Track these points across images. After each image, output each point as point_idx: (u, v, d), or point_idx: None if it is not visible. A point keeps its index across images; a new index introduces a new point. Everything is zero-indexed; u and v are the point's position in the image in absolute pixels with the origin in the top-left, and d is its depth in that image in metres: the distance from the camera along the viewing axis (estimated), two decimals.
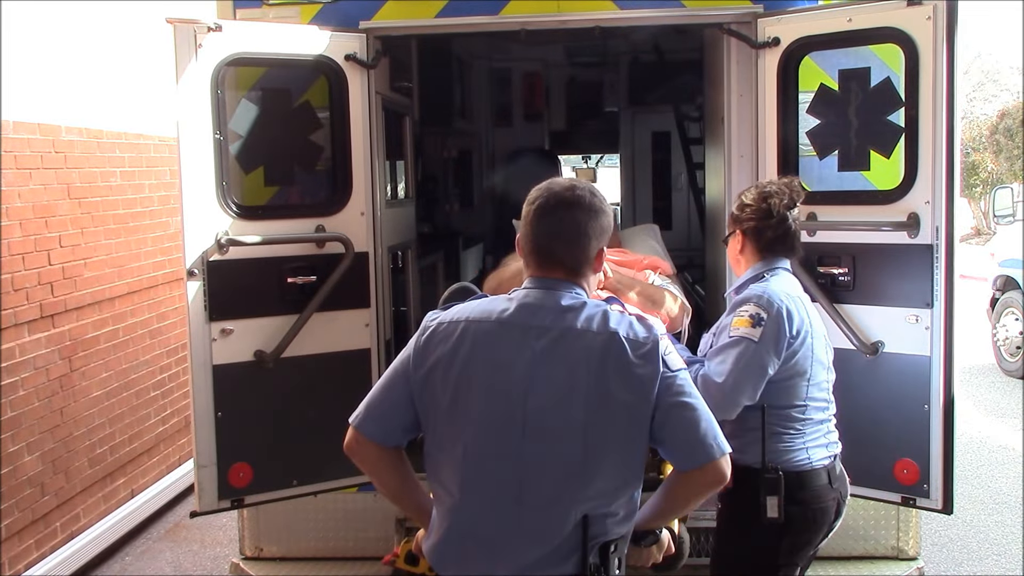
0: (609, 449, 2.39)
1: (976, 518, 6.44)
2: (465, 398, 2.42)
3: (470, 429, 2.42)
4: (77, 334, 5.92)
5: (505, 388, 2.40)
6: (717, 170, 5.21)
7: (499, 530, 2.41)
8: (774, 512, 3.22)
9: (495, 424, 2.41)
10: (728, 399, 3.21)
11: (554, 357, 2.40)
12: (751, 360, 3.21)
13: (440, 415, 2.46)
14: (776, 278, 3.41)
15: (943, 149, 3.90)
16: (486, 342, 2.43)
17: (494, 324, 2.45)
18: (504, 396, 2.40)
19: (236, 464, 4.35)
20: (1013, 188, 10.94)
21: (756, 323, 3.22)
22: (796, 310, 3.30)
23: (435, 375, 2.46)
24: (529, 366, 2.40)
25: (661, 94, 8.02)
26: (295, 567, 4.85)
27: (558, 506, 2.37)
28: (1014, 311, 10.27)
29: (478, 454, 2.42)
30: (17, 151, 5.40)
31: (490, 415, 2.41)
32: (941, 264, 3.95)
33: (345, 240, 4.44)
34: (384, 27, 4.62)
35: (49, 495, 5.62)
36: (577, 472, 2.37)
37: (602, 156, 12.33)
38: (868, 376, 4.14)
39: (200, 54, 4.13)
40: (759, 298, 3.28)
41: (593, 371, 2.38)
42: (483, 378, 2.42)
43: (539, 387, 2.39)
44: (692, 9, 4.56)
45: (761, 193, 3.45)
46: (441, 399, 2.46)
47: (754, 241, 3.46)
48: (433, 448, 2.51)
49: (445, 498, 2.49)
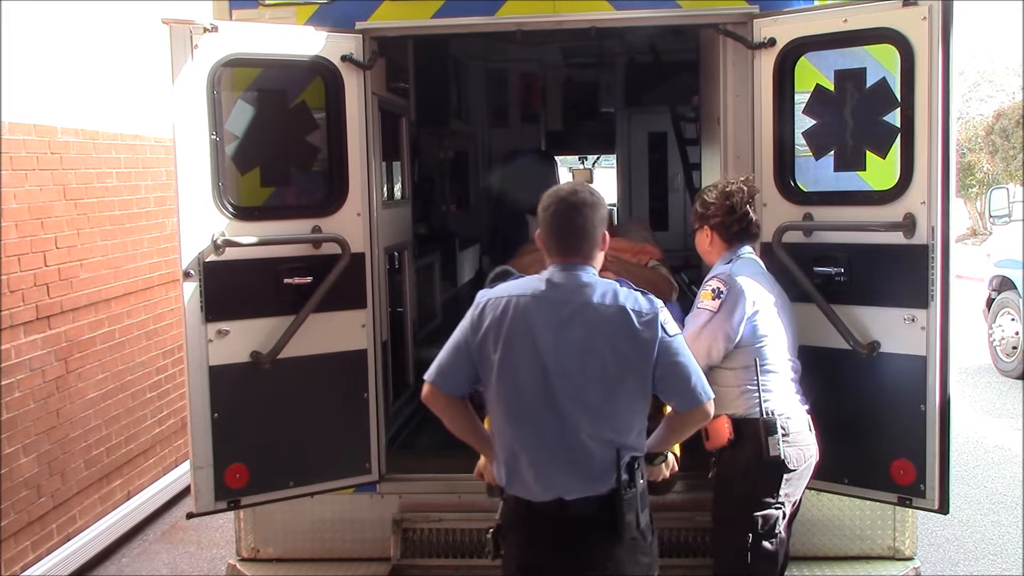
0: (622, 395, 3.11)
1: (972, 518, 6.45)
2: (510, 356, 3.10)
3: (515, 379, 3.11)
4: (73, 335, 5.91)
5: (538, 348, 3.08)
6: (713, 171, 5.22)
7: (547, 458, 3.11)
8: (775, 451, 3.68)
9: (533, 375, 3.08)
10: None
11: (576, 323, 3.09)
12: (708, 330, 3.75)
13: (493, 370, 3.13)
14: (740, 262, 3.90)
15: (939, 149, 3.91)
16: (525, 312, 3.11)
17: (530, 298, 3.13)
18: (538, 354, 3.08)
19: (233, 465, 4.35)
20: (1009, 189, 10.93)
21: (716, 296, 3.77)
22: (753, 287, 3.79)
23: (488, 339, 3.13)
24: (556, 330, 3.08)
25: (657, 95, 8.04)
26: (292, 568, 4.84)
27: (589, 439, 3.08)
28: (1010, 311, 10.29)
29: (523, 399, 3.11)
30: (13, 152, 5.39)
31: (529, 369, 3.09)
32: (937, 264, 3.95)
33: (341, 241, 4.44)
34: (380, 28, 4.63)
35: (45, 497, 5.61)
36: (599, 412, 3.09)
37: (598, 157, 12.34)
38: (864, 376, 4.15)
39: (196, 55, 4.13)
40: (723, 274, 3.82)
41: (607, 335, 3.08)
42: (523, 340, 3.10)
43: (565, 347, 3.07)
44: (688, 10, 4.57)
45: (723, 192, 3.94)
46: (492, 357, 3.12)
47: (721, 234, 3.96)
48: (490, 395, 3.19)
49: (502, 434, 3.19)
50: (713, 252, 4.00)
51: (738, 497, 3.81)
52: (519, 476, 3.15)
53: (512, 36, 5.05)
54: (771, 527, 3.76)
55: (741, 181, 3.99)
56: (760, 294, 3.80)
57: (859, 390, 4.16)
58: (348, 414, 4.61)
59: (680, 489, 4.57)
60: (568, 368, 3.07)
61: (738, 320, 3.74)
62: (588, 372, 3.08)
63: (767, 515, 3.75)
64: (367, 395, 4.64)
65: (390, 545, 4.81)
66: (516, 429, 3.15)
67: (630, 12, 4.58)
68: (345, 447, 4.63)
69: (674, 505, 4.61)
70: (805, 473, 3.84)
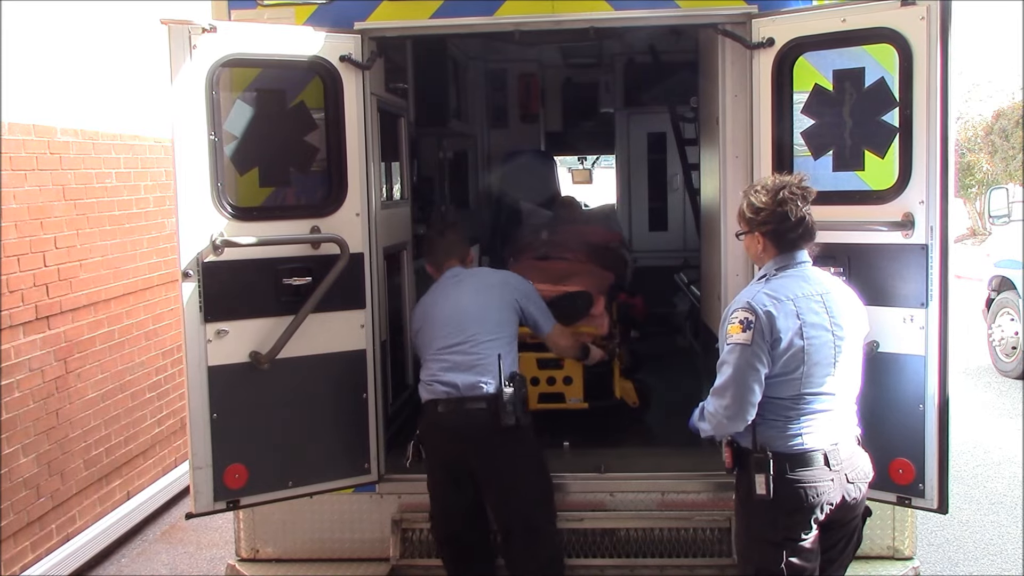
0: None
1: (972, 518, 6.45)
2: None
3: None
4: (72, 335, 5.91)
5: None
6: (712, 171, 5.22)
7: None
8: (762, 489, 3.50)
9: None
10: (737, 409, 3.52)
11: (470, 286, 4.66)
12: (746, 363, 3.49)
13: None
14: (777, 279, 3.60)
15: (937, 149, 3.91)
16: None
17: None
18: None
19: (232, 465, 4.35)
20: (1008, 189, 10.92)
21: (746, 328, 3.50)
22: (780, 314, 3.50)
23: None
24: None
25: (656, 95, 8.03)
26: (291, 568, 4.85)
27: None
28: (1010, 311, 10.29)
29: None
30: (12, 152, 5.39)
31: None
32: (936, 264, 3.95)
33: (340, 241, 4.44)
34: (379, 28, 4.63)
35: (45, 497, 5.61)
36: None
37: (598, 157, 12.34)
38: (864, 376, 4.14)
39: (195, 55, 4.13)
40: (744, 304, 3.54)
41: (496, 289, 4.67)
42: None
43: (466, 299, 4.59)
44: (687, 10, 4.57)
45: (775, 199, 3.58)
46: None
47: (775, 241, 3.64)
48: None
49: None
50: (766, 258, 3.68)
51: (743, 527, 3.77)
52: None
53: (511, 36, 5.06)
54: (774, 563, 3.54)
55: (796, 184, 3.60)
56: (790, 322, 3.48)
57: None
58: (347, 414, 4.61)
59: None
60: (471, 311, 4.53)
61: (768, 349, 3.48)
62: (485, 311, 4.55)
63: (772, 552, 3.55)
64: (366, 395, 4.64)
65: (389, 545, 4.81)
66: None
67: (629, 12, 4.58)
68: (344, 447, 4.63)
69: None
70: (814, 511, 3.52)
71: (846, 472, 3.57)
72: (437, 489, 4.53)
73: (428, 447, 4.48)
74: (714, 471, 4.58)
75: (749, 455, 3.55)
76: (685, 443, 4.56)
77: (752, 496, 3.53)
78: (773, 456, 3.50)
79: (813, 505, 3.52)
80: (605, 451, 5.07)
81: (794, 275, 3.61)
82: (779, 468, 3.50)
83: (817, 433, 3.55)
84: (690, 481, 4.76)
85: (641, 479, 4.78)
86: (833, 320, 3.57)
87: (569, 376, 5.38)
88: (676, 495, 4.76)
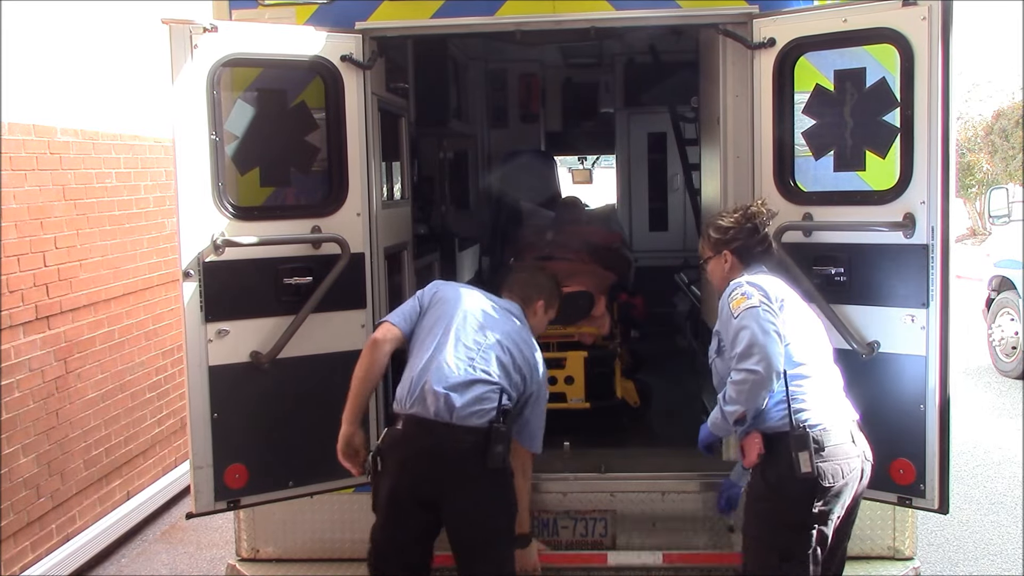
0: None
1: (972, 518, 6.45)
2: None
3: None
4: (72, 335, 5.91)
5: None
6: (713, 171, 5.21)
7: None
8: (807, 467, 3.53)
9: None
10: (767, 365, 3.57)
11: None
12: (763, 319, 3.61)
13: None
14: (752, 276, 3.82)
15: (938, 149, 3.91)
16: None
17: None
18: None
19: (232, 465, 4.34)
20: (1008, 189, 10.93)
21: (749, 296, 3.67)
22: (771, 288, 3.73)
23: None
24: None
25: (657, 95, 8.02)
26: (292, 568, 4.84)
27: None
28: (1010, 312, 10.29)
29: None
30: (12, 152, 5.39)
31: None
32: (937, 264, 3.95)
33: (341, 241, 4.44)
34: (380, 28, 4.62)
35: (45, 497, 5.61)
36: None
37: (598, 157, 12.34)
38: (864, 376, 4.14)
39: (196, 55, 4.12)
40: (740, 284, 3.75)
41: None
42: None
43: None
44: (688, 10, 4.56)
45: (745, 214, 3.89)
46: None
47: (741, 257, 3.89)
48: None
49: None
50: (732, 278, 3.87)
51: (769, 515, 3.72)
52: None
53: (512, 36, 5.05)
54: (802, 547, 3.60)
55: (759, 204, 3.97)
56: (784, 290, 3.77)
57: (859, 390, 4.14)
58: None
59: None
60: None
61: (776, 309, 3.66)
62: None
63: (798, 536, 3.61)
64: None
65: None
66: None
67: (630, 12, 4.57)
68: None
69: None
70: (847, 488, 3.65)
71: (864, 451, 3.72)
72: (386, 518, 4.02)
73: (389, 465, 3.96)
74: (716, 471, 4.57)
75: (784, 438, 3.58)
76: (686, 443, 4.55)
77: (789, 478, 3.54)
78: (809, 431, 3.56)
79: (847, 483, 3.63)
80: (606, 451, 5.07)
81: (759, 276, 3.83)
82: (816, 444, 3.56)
83: (835, 412, 3.68)
84: (691, 481, 4.75)
85: (642, 479, 4.78)
86: (799, 301, 3.83)
87: (571, 376, 5.38)
88: (677, 495, 4.76)
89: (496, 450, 3.79)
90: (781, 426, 3.61)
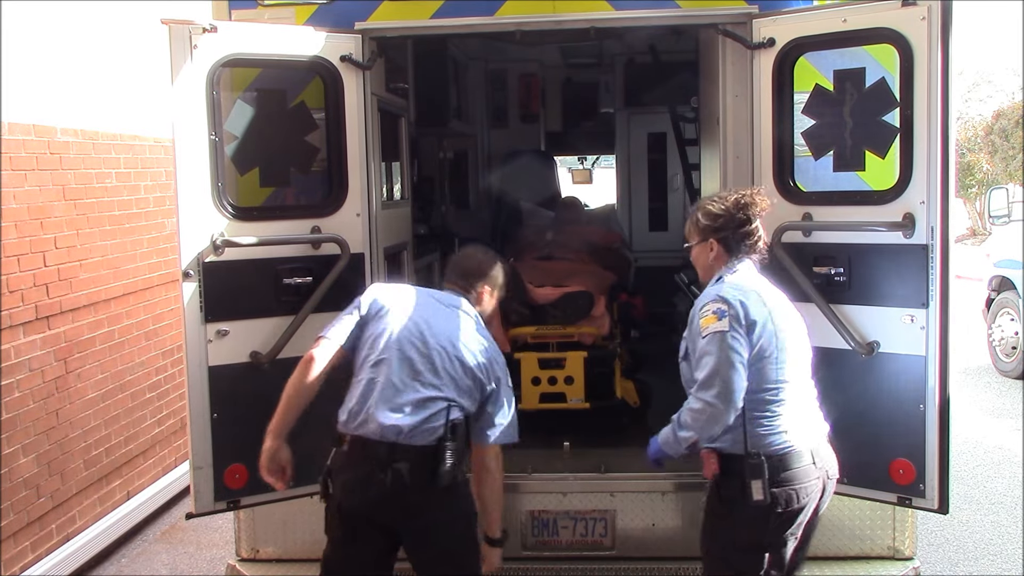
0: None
1: (972, 518, 6.45)
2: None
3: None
4: (72, 336, 5.91)
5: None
6: (713, 171, 5.21)
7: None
8: (759, 495, 3.45)
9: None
10: (727, 397, 3.46)
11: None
12: (729, 348, 3.47)
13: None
14: (732, 275, 3.67)
15: (938, 149, 3.91)
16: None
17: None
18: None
19: (232, 465, 4.34)
20: (1008, 189, 10.93)
21: (720, 316, 3.50)
22: (751, 301, 3.55)
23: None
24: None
25: (657, 95, 8.02)
26: (292, 568, 4.84)
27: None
28: (1010, 312, 10.29)
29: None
30: (12, 152, 5.39)
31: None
32: (936, 264, 3.95)
33: (341, 241, 4.44)
34: (379, 28, 4.62)
35: (45, 497, 5.61)
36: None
37: (598, 157, 12.33)
38: (864, 376, 4.14)
39: (195, 55, 4.12)
40: (714, 297, 3.57)
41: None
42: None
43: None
44: (687, 10, 4.56)
45: (737, 204, 3.69)
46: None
47: (728, 247, 3.71)
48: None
49: None
50: (716, 267, 3.73)
51: (722, 533, 3.65)
52: None
53: (512, 36, 5.05)
54: (754, 568, 3.56)
55: (753, 192, 3.74)
56: (760, 308, 3.54)
57: (858, 390, 4.16)
58: None
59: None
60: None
61: (747, 333, 3.48)
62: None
63: (751, 558, 3.56)
64: None
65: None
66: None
67: (629, 12, 4.57)
68: None
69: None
70: (804, 511, 3.56)
71: (827, 469, 3.64)
72: (340, 540, 3.93)
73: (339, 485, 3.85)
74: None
75: (740, 460, 3.48)
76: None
77: (744, 502, 3.46)
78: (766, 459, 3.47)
79: (803, 506, 3.54)
80: (606, 451, 5.07)
81: (745, 274, 3.68)
82: (771, 471, 3.47)
83: (801, 431, 3.57)
84: (691, 481, 4.74)
85: (642, 479, 4.77)
86: (784, 311, 3.65)
87: (571, 376, 5.38)
88: (677, 495, 4.75)
89: (444, 469, 3.64)
90: (736, 449, 3.51)
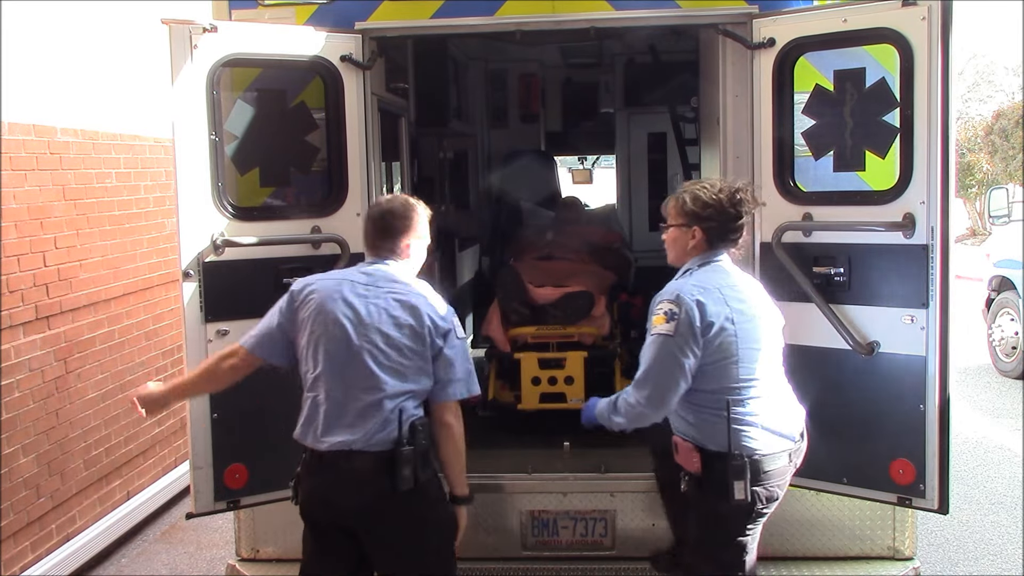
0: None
1: (972, 518, 6.45)
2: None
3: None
4: (72, 335, 5.91)
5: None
6: (713, 171, 5.21)
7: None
8: (741, 494, 3.47)
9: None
10: (658, 399, 3.55)
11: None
12: (668, 353, 3.48)
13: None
14: (701, 271, 3.64)
15: (938, 149, 3.91)
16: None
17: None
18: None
19: (232, 465, 4.35)
20: (1008, 189, 10.93)
21: (669, 318, 3.49)
22: (710, 301, 3.51)
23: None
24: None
25: (657, 95, 8.02)
26: (292, 568, 4.79)
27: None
28: (1010, 312, 10.29)
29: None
30: (12, 152, 5.39)
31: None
32: (936, 264, 3.95)
33: (341, 241, 4.44)
34: (380, 28, 4.62)
35: (45, 497, 5.61)
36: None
37: (598, 157, 12.33)
38: (864, 376, 4.14)
39: (195, 55, 4.13)
40: (671, 295, 3.55)
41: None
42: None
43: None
44: (687, 10, 4.57)
45: (731, 199, 3.63)
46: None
47: (712, 237, 3.65)
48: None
49: None
50: (693, 254, 3.70)
51: (700, 529, 3.70)
52: None
53: (512, 36, 5.05)
54: (737, 560, 3.62)
55: (749, 189, 3.70)
56: (720, 308, 3.50)
57: (858, 390, 4.16)
58: None
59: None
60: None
61: (697, 339, 3.45)
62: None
63: (732, 550, 3.61)
64: None
65: None
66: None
67: (629, 12, 4.57)
68: None
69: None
70: (778, 501, 3.64)
71: (796, 462, 3.69)
72: (313, 550, 3.81)
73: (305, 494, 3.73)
74: None
75: (723, 460, 3.49)
76: None
77: (724, 501, 3.49)
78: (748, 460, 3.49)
79: (777, 499, 3.62)
80: (606, 451, 5.07)
81: (715, 268, 3.66)
82: (753, 472, 3.49)
83: (779, 428, 3.59)
84: None
85: (642, 479, 4.77)
86: (755, 307, 3.62)
87: (571, 376, 5.38)
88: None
89: (404, 474, 3.50)
90: (720, 447, 3.50)
